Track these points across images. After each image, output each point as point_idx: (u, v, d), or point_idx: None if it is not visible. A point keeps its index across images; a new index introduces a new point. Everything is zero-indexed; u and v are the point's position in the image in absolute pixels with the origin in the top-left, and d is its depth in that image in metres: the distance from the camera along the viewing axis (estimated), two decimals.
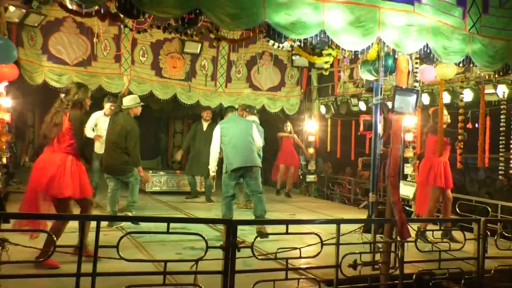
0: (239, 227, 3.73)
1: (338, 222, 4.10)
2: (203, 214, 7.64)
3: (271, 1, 4.00)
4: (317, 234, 3.96)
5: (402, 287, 4.26)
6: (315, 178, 11.26)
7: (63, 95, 4.50)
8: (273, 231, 4.06)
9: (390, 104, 4.73)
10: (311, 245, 4.03)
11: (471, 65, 5.53)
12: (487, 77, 6.85)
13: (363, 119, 9.90)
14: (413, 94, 4.69)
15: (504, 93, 6.79)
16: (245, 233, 5.80)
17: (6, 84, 6.40)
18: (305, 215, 8.10)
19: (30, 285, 3.59)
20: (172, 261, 3.67)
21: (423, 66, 6.04)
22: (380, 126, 4.83)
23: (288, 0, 4.10)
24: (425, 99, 7.88)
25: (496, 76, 6.50)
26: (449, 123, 6.32)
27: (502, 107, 6.73)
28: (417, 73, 6.06)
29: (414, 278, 4.37)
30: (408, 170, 8.17)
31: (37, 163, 4.45)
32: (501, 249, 4.96)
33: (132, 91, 8.23)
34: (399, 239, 4.34)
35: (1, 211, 5.19)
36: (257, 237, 3.75)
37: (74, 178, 4.40)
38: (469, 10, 4.78)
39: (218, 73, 10.09)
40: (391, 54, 4.80)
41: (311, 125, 11.06)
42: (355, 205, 9.96)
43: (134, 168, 6.48)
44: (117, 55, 8.99)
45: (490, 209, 7.15)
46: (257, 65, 10.24)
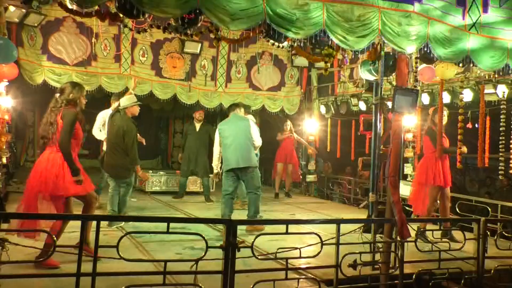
0: (239, 227, 3.74)
1: (338, 222, 4.10)
2: (203, 214, 7.65)
3: (271, 1, 3.99)
4: (317, 234, 3.96)
5: (402, 287, 4.26)
6: (315, 178, 11.27)
7: (58, 95, 4.50)
8: (273, 231, 4.06)
9: (390, 104, 4.73)
10: (311, 245, 4.04)
11: (471, 65, 5.53)
12: (487, 77, 6.85)
13: (363, 119, 9.91)
14: (413, 94, 4.69)
15: (504, 93, 6.78)
16: (245, 233, 5.81)
17: (6, 84, 6.39)
18: (305, 215, 8.10)
19: (30, 285, 3.60)
20: (172, 261, 3.68)
21: (423, 66, 6.05)
22: (380, 126, 4.83)
23: None
24: (425, 99, 7.88)
25: (496, 76, 6.51)
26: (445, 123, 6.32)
27: (502, 107, 6.72)
28: (417, 73, 6.07)
29: (414, 278, 4.36)
30: (408, 170, 8.17)
31: (37, 163, 4.44)
32: (501, 249, 4.96)
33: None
34: (399, 239, 4.34)
35: (1, 211, 5.20)
36: (257, 237, 3.74)
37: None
38: (469, 10, 4.78)
39: (218, 73, 10.09)
40: (391, 54, 4.79)
41: (311, 125, 11.07)
42: (355, 205, 9.96)
43: (132, 174, 6.47)
44: (117, 55, 8.98)
45: (490, 209, 7.15)
46: (257, 65, 10.23)
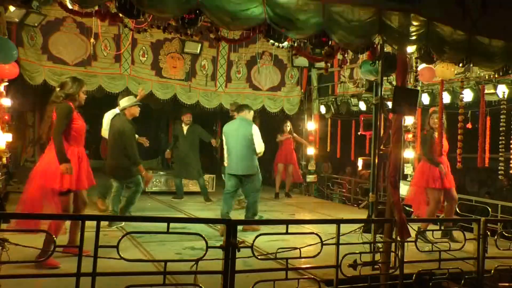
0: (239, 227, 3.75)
1: (338, 222, 4.09)
2: (203, 214, 7.65)
3: (271, 1, 3.99)
4: (317, 234, 3.96)
5: (402, 287, 4.26)
6: (315, 178, 11.27)
7: (58, 89, 4.57)
8: (273, 231, 4.05)
9: (390, 104, 4.73)
10: (311, 245, 4.03)
11: (471, 65, 5.53)
12: (487, 77, 6.84)
13: (363, 119, 9.89)
14: (413, 94, 4.69)
15: (504, 93, 6.78)
16: (245, 233, 5.81)
17: (6, 84, 6.39)
18: (305, 215, 8.10)
19: (30, 285, 3.60)
20: (172, 261, 3.67)
21: (423, 66, 6.05)
22: (380, 126, 4.83)
23: None
24: (425, 99, 7.88)
25: (496, 76, 6.50)
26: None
27: (502, 107, 6.71)
28: (417, 73, 6.07)
29: (414, 278, 4.36)
30: (408, 170, 8.17)
31: (42, 159, 4.52)
32: (501, 249, 4.95)
33: (131, 91, 8.24)
34: (399, 239, 4.34)
35: (1, 211, 5.20)
36: (257, 237, 3.74)
37: (81, 170, 4.51)
38: (469, 10, 4.78)
39: (218, 73, 10.09)
40: (391, 54, 4.79)
41: (311, 125, 11.06)
42: (355, 205, 9.96)
43: (137, 174, 6.45)
44: (117, 55, 8.99)
45: (490, 209, 7.14)
46: (257, 65, 10.23)
